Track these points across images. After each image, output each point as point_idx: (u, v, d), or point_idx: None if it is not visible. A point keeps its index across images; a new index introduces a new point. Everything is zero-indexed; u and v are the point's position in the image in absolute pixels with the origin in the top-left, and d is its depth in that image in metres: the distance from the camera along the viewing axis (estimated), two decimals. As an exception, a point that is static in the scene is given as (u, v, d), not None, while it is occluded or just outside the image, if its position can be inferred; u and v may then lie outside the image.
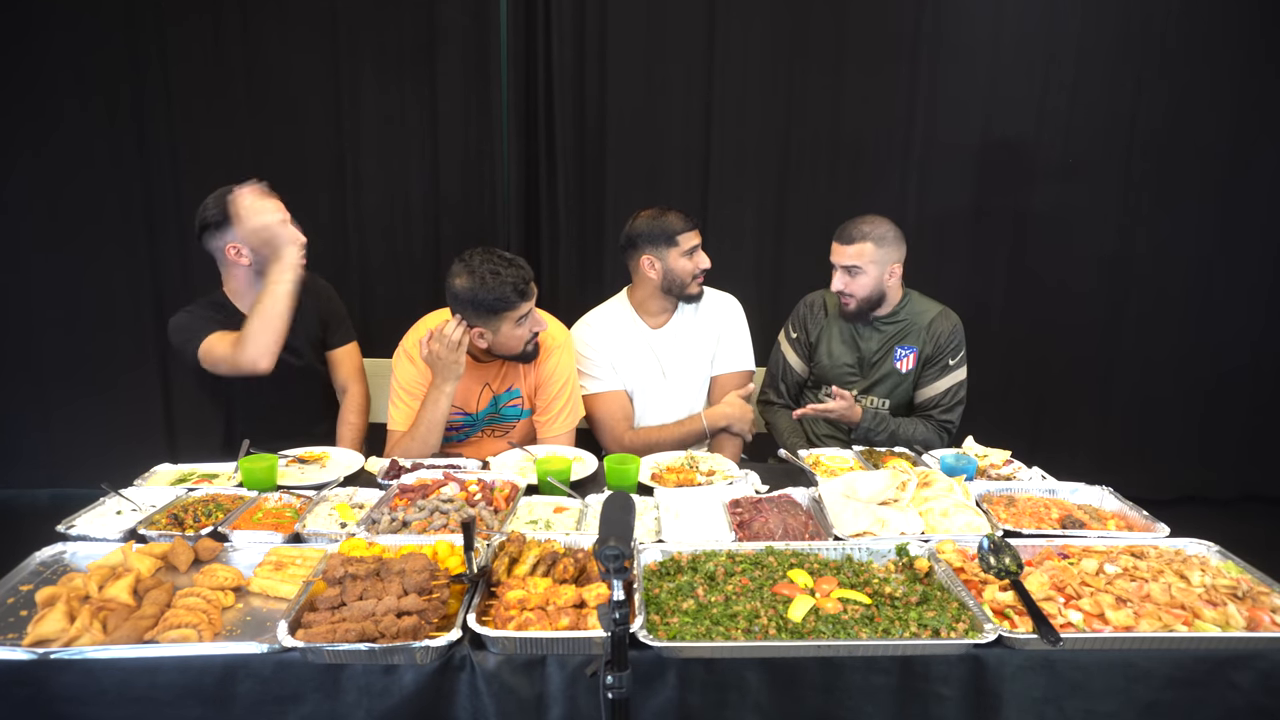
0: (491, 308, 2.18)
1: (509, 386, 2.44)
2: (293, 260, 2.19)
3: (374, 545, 1.61)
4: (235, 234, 2.22)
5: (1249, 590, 1.49)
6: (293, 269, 2.18)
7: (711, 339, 2.64)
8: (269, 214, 2.19)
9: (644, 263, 2.51)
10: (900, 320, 2.58)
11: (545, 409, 2.44)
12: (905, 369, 2.57)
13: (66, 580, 1.49)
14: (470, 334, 2.24)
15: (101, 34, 3.35)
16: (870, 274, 2.48)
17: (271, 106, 3.46)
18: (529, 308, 2.24)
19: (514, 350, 2.31)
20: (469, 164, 3.54)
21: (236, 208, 2.19)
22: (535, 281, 2.25)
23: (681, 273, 2.51)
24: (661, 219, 2.48)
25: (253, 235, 2.20)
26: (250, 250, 2.24)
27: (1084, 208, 3.61)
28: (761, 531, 1.76)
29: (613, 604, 1.13)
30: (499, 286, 2.16)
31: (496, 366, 2.41)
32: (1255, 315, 3.71)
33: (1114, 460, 3.70)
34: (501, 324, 2.23)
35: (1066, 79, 3.49)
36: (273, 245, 2.19)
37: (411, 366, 2.36)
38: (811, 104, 3.52)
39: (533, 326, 2.28)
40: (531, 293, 2.23)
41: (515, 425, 2.49)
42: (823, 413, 2.52)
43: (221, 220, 2.22)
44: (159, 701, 1.30)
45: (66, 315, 3.59)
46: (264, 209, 2.19)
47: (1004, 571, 1.50)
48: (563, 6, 3.38)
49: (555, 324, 2.47)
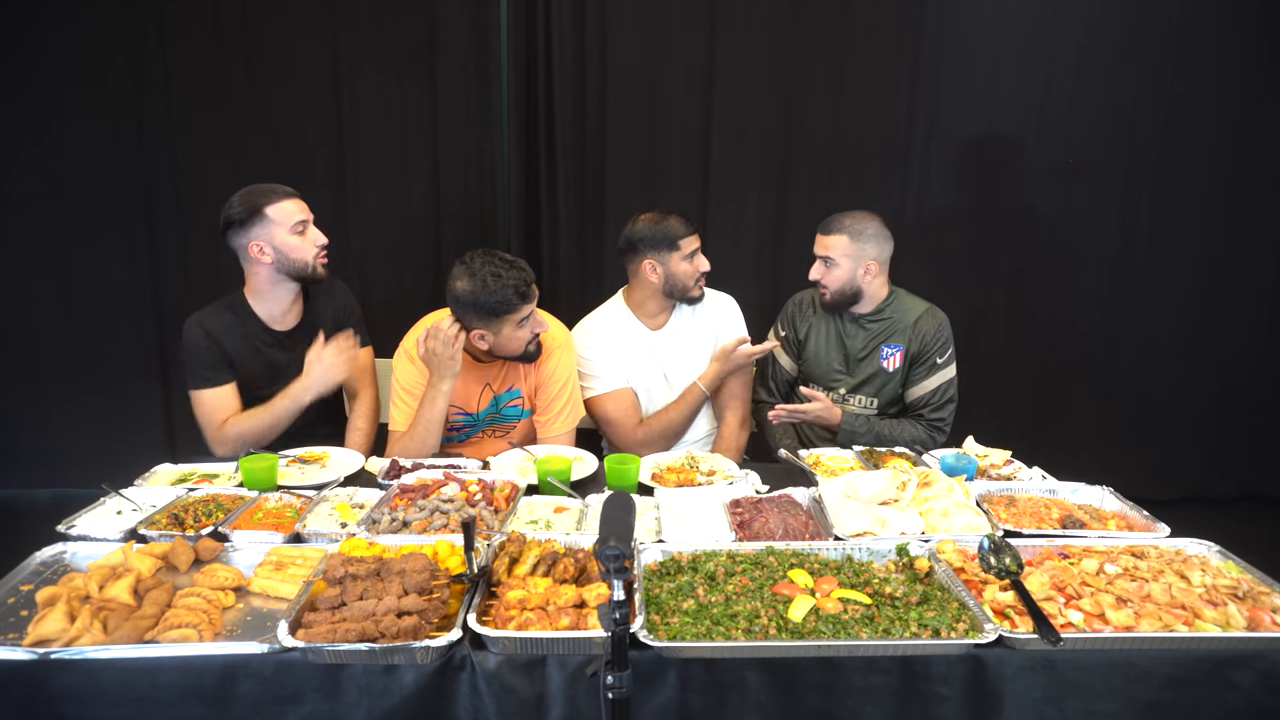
0: (493, 310, 2.18)
1: (509, 387, 2.44)
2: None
3: (374, 545, 1.61)
4: (258, 231, 2.25)
5: (1249, 590, 1.49)
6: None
7: (710, 338, 2.65)
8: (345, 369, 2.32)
9: (645, 267, 2.52)
10: (885, 318, 2.58)
11: (545, 409, 2.44)
12: (892, 368, 2.58)
13: (67, 580, 1.49)
14: (471, 336, 2.24)
15: (100, 13, 3.34)
16: (843, 267, 2.50)
17: (272, 106, 3.46)
18: (530, 310, 2.23)
19: (515, 352, 2.30)
20: (469, 164, 3.54)
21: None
22: (535, 283, 2.25)
23: (683, 276, 2.51)
24: (663, 223, 2.48)
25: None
26: (273, 249, 2.27)
27: (1084, 208, 3.61)
28: (762, 531, 1.76)
29: (613, 604, 1.13)
30: (500, 289, 2.15)
31: (497, 367, 2.41)
32: (1256, 315, 3.71)
33: (1114, 460, 3.70)
34: (503, 326, 2.22)
35: (1067, 79, 3.49)
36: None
37: (411, 366, 2.36)
38: (811, 104, 3.51)
39: (534, 328, 2.28)
40: (533, 295, 2.22)
41: (516, 425, 2.49)
42: (798, 414, 2.53)
43: (246, 218, 2.25)
44: (159, 701, 1.30)
45: (66, 314, 3.59)
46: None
47: (1004, 571, 1.50)
48: (563, 6, 3.38)
49: (556, 324, 2.47)
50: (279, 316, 2.40)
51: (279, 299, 2.37)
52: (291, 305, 2.41)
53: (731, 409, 2.65)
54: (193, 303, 3.49)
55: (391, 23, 3.42)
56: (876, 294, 2.58)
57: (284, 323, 2.41)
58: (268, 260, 2.29)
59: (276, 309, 2.39)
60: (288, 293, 2.38)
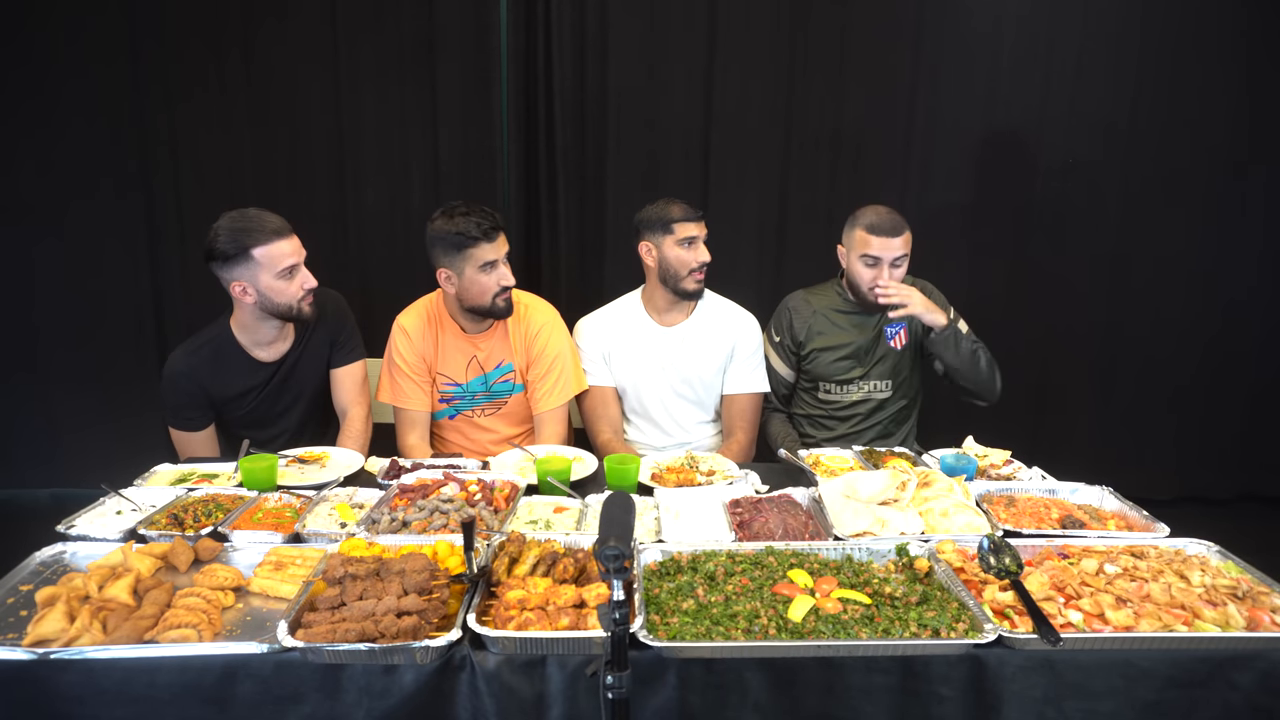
0: (456, 244, 2.28)
1: (499, 363, 2.49)
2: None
3: (374, 545, 1.61)
4: (242, 272, 2.18)
5: (1249, 590, 1.49)
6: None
7: (725, 349, 2.61)
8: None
9: (642, 249, 2.55)
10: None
11: (538, 384, 2.49)
12: (900, 345, 2.59)
13: (66, 580, 1.49)
14: (440, 277, 2.35)
15: (100, 13, 3.34)
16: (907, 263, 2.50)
17: (271, 107, 3.46)
18: (494, 254, 2.31)
19: (482, 301, 2.36)
20: (469, 164, 3.54)
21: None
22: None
23: (676, 262, 2.49)
24: (664, 206, 2.52)
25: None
26: (257, 292, 2.21)
27: (1084, 207, 3.61)
28: (761, 531, 1.76)
29: (613, 604, 1.13)
30: (463, 223, 2.27)
31: (483, 338, 2.47)
32: (1255, 315, 3.71)
33: (1114, 460, 3.70)
34: (465, 265, 2.30)
35: (1068, 78, 3.49)
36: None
37: (406, 339, 2.45)
38: (812, 104, 3.51)
39: (500, 280, 2.34)
40: (496, 238, 2.32)
41: (508, 401, 2.53)
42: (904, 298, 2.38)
43: (231, 254, 2.17)
44: (159, 701, 1.30)
45: (67, 314, 3.59)
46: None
47: (1004, 571, 1.50)
48: (563, 6, 3.38)
49: (541, 302, 2.56)
50: (265, 346, 2.36)
51: (264, 332, 2.33)
52: (279, 335, 2.37)
53: (741, 428, 2.63)
54: (193, 303, 3.56)
55: (391, 23, 3.42)
56: None
57: (272, 352, 2.37)
58: (250, 300, 2.23)
59: (263, 339, 2.34)
60: (272, 327, 2.33)
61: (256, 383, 2.36)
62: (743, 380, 2.63)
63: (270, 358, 2.37)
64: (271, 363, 2.37)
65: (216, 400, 2.34)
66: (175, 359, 2.32)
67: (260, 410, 2.39)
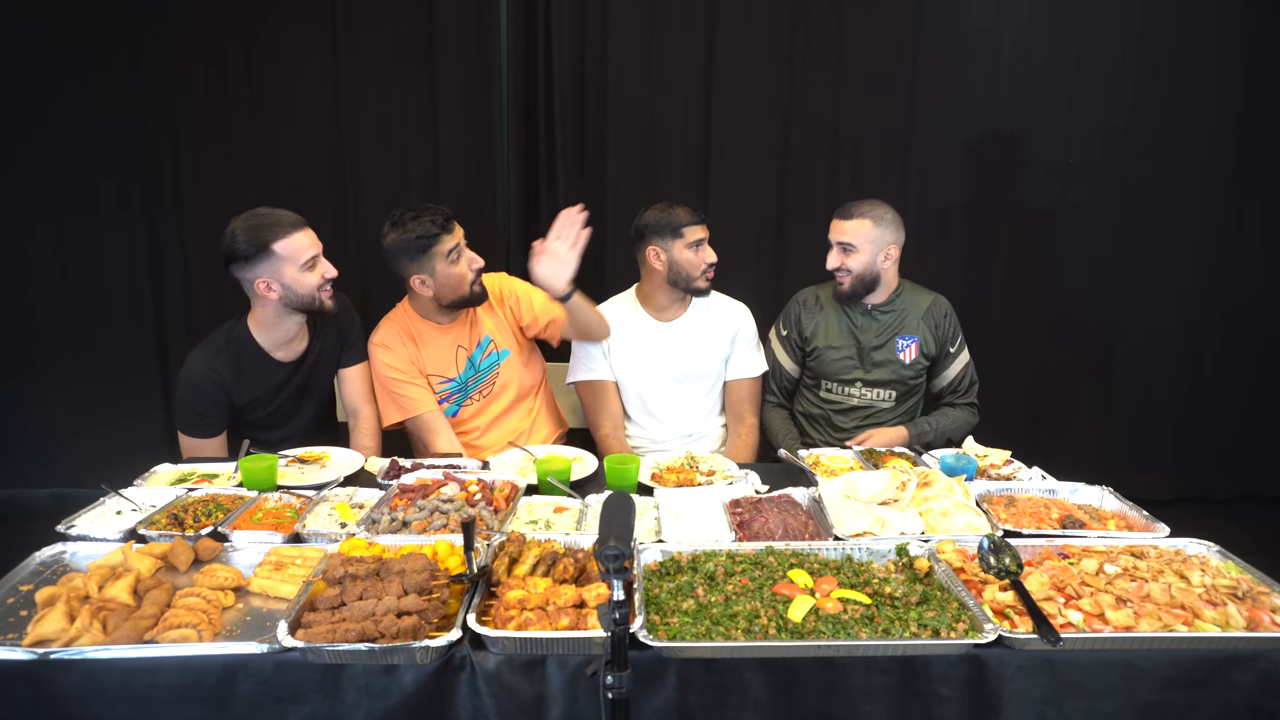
0: (420, 247, 2.31)
1: (478, 341, 2.51)
2: None
3: (374, 545, 1.61)
4: (265, 269, 2.19)
5: (1249, 590, 1.49)
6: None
7: (725, 340, 2.66)
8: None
9: (649, 254, 2.55)
10: (896, 309, 2.60)
11: (530, 306, 2.56)
12: (908, 359, 2.59)
13: (66, 580, 1.49)
14: (413, 284, 2.38)
15: (101, 14, 3.33)
16: (865, 253, 2.50)
17: (271, 107, 3.45)
18: (455, 241, 2.35)
19: (461, 291, 2.39)
20: (469, 164, 3.54)
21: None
22: (455, 219, 2.37)
23: (686, 265, 2.53)
24: (669, 211, 2.54)
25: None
26: (281, 286, 2.21)
27: (1084, 207, 3.60)
28: (761, 531, 1.76)
29: (613, 604, 1.13)
30: (418, 224, 2.31)
31: (462, 324, 2.50)
32: (1255, 315, 3.71)
33: (1114, 460, 3.70)
34: (434, 262, 2.33)
35: (1067, 77, 3.49)
36: None
37: (389, 354, 2.45)
38: (811, 103, 3.51)
39: (471, 264, 2.38)
40: (453, 228, 2.35)
41: (498, 372, 2.54)
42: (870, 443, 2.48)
43: (253, 253, 2.17)
44: (159, 701, 1.30)
45: (67, 314, 3.58)
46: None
47: (1004, 571, 1.50)
48: (563, 6, 3.38)
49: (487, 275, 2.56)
50: (284, 346, 2.36)
51: (286, 330, 2.33)
52: (298, 334, 2.37)
53: (749, 410, 2.70)
54: (193, 303, 3.55)
55: (391, 22, 3.41)
56: (890, 282, 2.60)
57: (289, 352, 2.38)
58: (275, 296, 2.23)
59: (282, 339, 2.35)
60: (295, 324, 2.34)
61: (276, 384, 2.37)
62: (746, 365, 2.69)
63: (288, 358, 2.38)
64: (289, 363, 2.38)
65: (237, 404, 2.33)
66: (196, 364, 2.28)
67: (281, 412, 2.39)
